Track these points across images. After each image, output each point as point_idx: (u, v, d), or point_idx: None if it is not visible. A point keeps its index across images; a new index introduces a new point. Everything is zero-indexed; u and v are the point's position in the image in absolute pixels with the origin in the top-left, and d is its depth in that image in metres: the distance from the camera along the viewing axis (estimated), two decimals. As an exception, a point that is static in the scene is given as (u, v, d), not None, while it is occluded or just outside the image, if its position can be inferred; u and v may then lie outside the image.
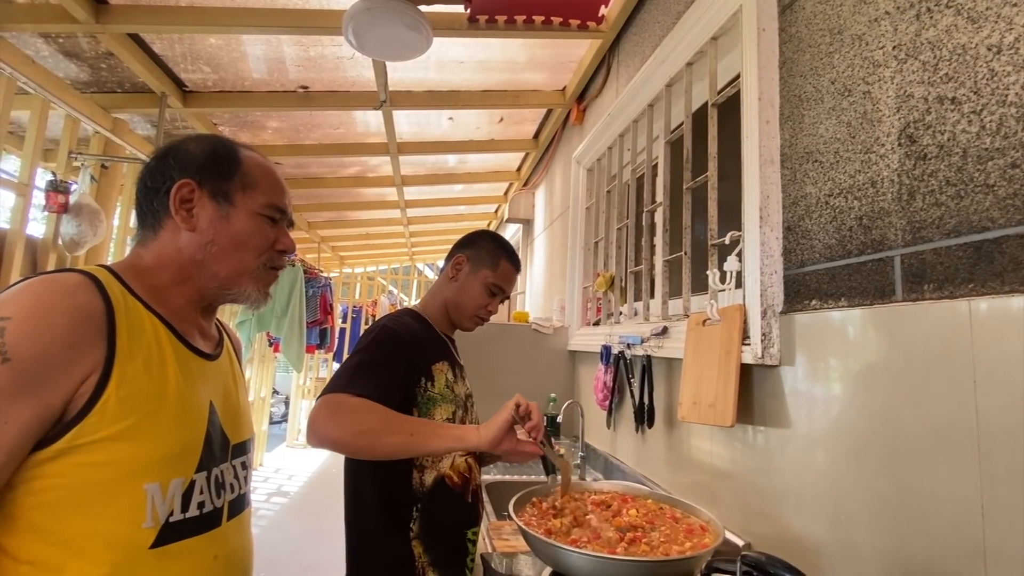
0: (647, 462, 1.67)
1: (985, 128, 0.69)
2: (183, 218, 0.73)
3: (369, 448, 0.92)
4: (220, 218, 0.75)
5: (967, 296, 0.69)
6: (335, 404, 0.93)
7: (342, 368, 1.01)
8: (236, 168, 0.77)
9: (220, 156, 0.77)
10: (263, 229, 0.78)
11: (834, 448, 0.90)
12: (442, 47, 2.26)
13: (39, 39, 2.13)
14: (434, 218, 5.25)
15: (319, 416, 0.91)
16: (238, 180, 0.76)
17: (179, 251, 0.74)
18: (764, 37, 1.15)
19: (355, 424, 0.91)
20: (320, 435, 0.91)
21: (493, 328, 2.59)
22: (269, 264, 0.79)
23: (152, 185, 0.75)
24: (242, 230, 0.76)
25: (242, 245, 0.76)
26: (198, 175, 0.74)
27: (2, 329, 0.56)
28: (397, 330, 1.09)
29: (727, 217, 1.37)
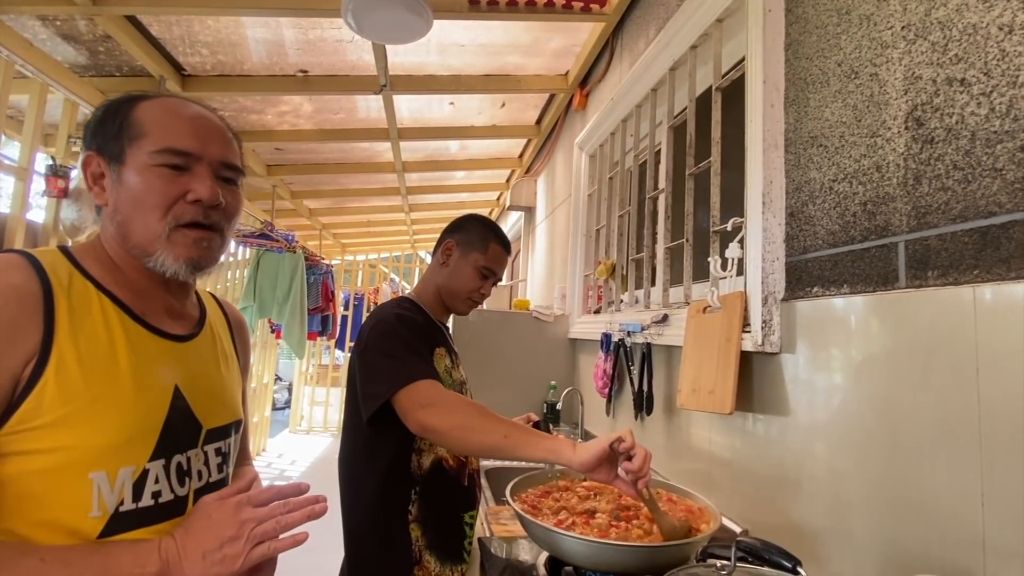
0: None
1: (994, 110, 0.68)
2: (96, 194, 0.68)
3: (462, 442, 0.94)
4: (115, 182, 0.67)
5: (972, 283, 0.68)
6: (430, 391, 0.95)
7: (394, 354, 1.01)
8: (121, 120, 0.67)
9: (107, 113, 0.68)
10: (160, 181, 0.66)
11: (834, 436, 0.90)
12: (443, 30, 2.22)
13: (37, 22, 2.11)
14: (436, 205, 5.23)
15: (417, 403, 0.94)
16: (124, 133, 0.67)
17: (107, 227, 0.69)
18: (770, 18, 1.13)
19: (454, 418, 0.93)
20: (423, 422, 0.93)
21: (494, 316, 2.58)
22: (178, 221, 0.67)
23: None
24: (134, 189, 0.65)
25: (138, 206, 0.66)
26: (95, 142, 0.68)
27: None
28: (409, 316, 1.11)
29: (730, 204, 1.35)
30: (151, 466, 0.63)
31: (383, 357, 1.01)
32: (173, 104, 0.70)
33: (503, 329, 2.56)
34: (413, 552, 1.06)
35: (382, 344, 1.03)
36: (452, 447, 0.99)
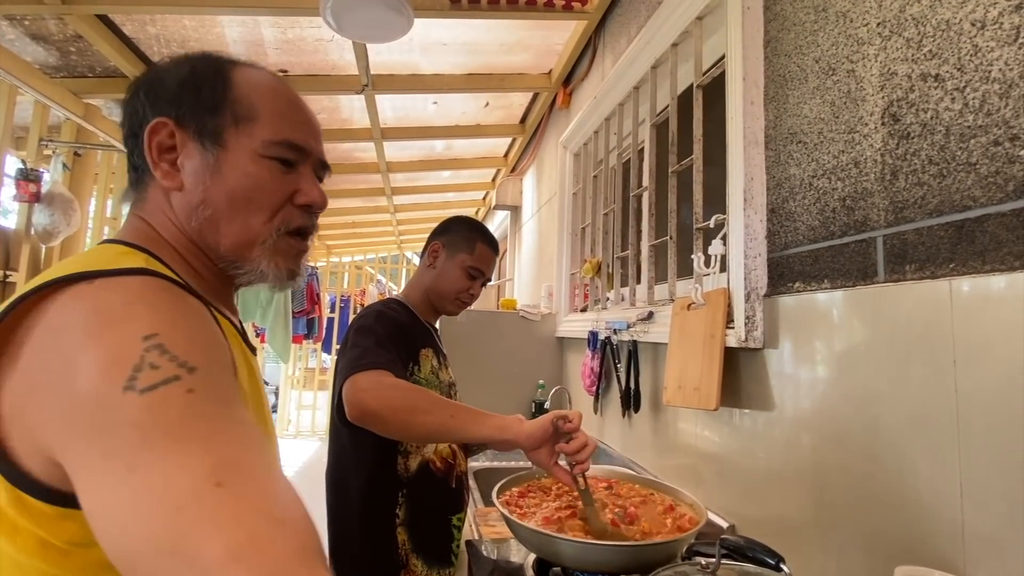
0: (634, 446, 1.68)
1: (968, 105, 0.68)
2: (164, 173, 0.54)
3: (406, 425, 0.91)
4: (208, 168, 0.54)
5: (948, 276, 0.69)
6: (375, 377, 0.93)
7: (359, 348, 1.00)
8: (223, 91, 0.55)
9: (201, 78, 0.55)
10: (271, 177, 0.56)
11: (817, 429, 0.91)
12: (424, 28, 2.20)
13: (3, 21, 2.05)
14: (422, 205, 5.19)
15: (358, 388, 0.91)
16: (228, 110, 0.55)
17: (172, 221, 0.55)
18: (749, 16, 1.13)
19: (397, 400, 0.91)
20: (361, 408, 0.90)
21: (481, 315, 2.57)
22: (287, 227, 0.57)
23: (130, 133, 0.56)
24: (240, 182, 0.54)
25: (242, 204, 0.55)
26: (175, 109, 0.54)
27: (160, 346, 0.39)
28: (392, 314, 1.10)
29: (712, 201, 1.36)
30: None
31: (351, 350, 1.01)
32: (280, 85, 0.59)
33: (490, 329, 2.55)
34: (399, 555, 1.05)
35: (356, 339, 1.03)
36: (396, 432, 0.95)
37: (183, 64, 0.57)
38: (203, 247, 0.56)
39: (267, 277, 0.57)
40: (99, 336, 0.39)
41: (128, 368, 0.37)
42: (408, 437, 1.04)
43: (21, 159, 2.39)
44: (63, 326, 0.40)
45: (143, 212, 0.56)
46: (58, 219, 2.32)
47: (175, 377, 0.38)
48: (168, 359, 0.39)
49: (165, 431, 0.36)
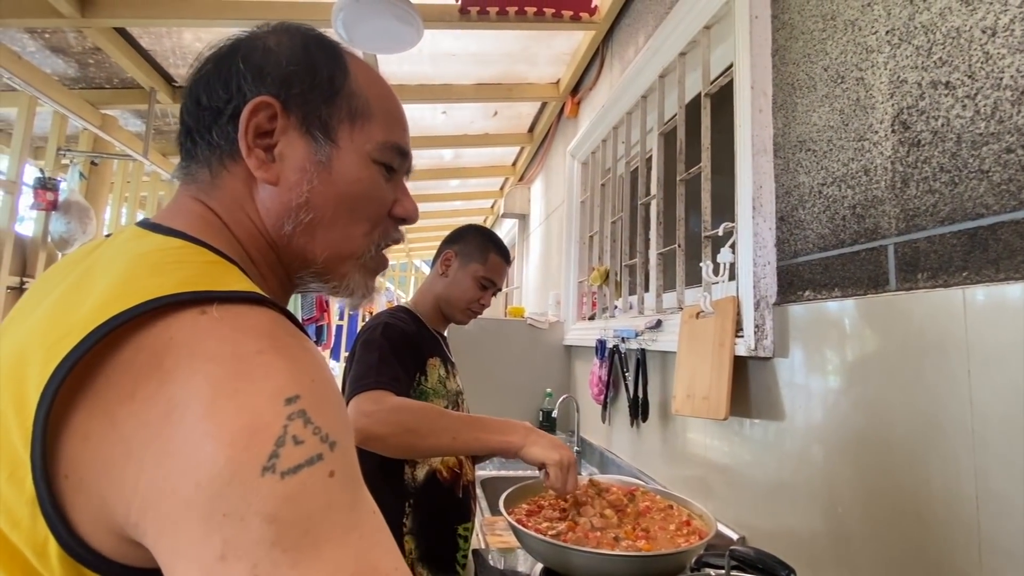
0: (642, 456, 1.66)
1: (979, 113, 0.68)
2: (259, 162, 0.45)
3: (411, 446, 0.93)
4: (317, 165, 0.46)
5: (961, 284, 0.68)
6: (376, 400, 0.93)
7: (364, 365, 1.01)
8: (342, 83, 0.48)
9: (318, 63, 0.47)
10: (378, 185, 0.50)
11: (828, 440, 0.89)
12: (434, 39, 2.23)
13: (25, 34, 2.10)
14: (430, 214, 5.23)
15: (360, 413, 0.92)
16: (344, 103, 0.48)
17: (251, 218, 0.46)
18: (757, 24, 1.13)
19: (400, 421, 0.91)
20: (364, 433, 0.91)
21: (488, 323, 2.57)
22: (385, 241, 0.52)
23: (210, 103, 0.46)
24: (351, 186, 0.47)
25: (350, 210, 0.48)
26: (283, 91, 0.45)
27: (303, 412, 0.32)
28: (399, 325, 1.10)
29: (721, 209, 1.35)
30: None
31: (356, 366, 1.02)
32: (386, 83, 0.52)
33: (498, 337, 2.55)
34: (406, 565, 1.04)
35: (361, 355, 1.04)
36: (399, 454, 0.96)
37: (295, 36, 0.48)
38: (285, 253, 0.48)
39: (353, 293, 0.51)
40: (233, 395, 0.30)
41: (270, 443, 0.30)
42: (412, 457, 1.05)
43: (39, 168, 2.44)
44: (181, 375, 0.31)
45: (211, 200, 0.46)
46: (74, 227, 2.37)
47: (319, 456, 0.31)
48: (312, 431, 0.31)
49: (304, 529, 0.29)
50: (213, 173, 0.46)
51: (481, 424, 0.94)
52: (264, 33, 0.49)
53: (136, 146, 2.80)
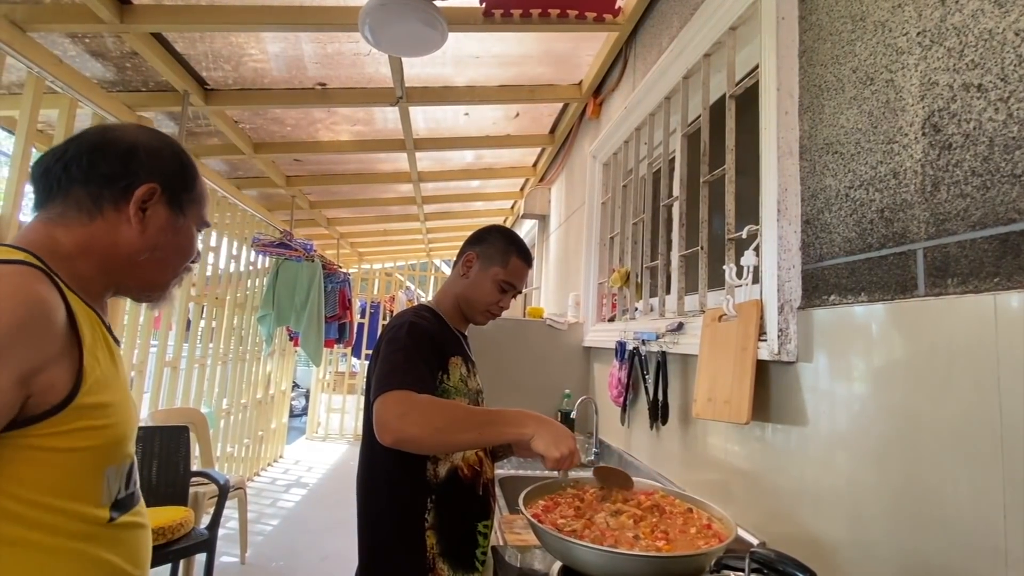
0: (662, 459, 1.66)
1: (1012, 116, 0.67)
2: (139, 219, 0.73)
3: (444, 444, 0.97)
4: (171, 227, 0.76)
5: (993, 290, 0.67)
6: (405, 401, 0.95)
7: (390, 364, 1.02)
8: (194, 181, 0.80)
9: (186, 167, 0.79)
10: (194, 240, 0.82)
11: (853, 447, 0.88)
12: (457, 42, 2.25)
13: (66, 39, 2.19)
14: (451, 214, 5.27)
15: (391, 414, 0.93)
16: (194, 193, 0.80)
17: (114, 245, 0.72)
18: (783, 26, 1.12)
19: (431, 421, 0.93)
20: (396, 433, 0.93)
21: (508, 323, 2.59)
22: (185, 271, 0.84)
23: (108, 172, 0.72)
24: (184, 241, 0.79)
25: (181, 254, 0.79)
26: (164, 181, 0.75)
27: None
28: (424, 324, 1.11)
29: (744, 211, 1.34)
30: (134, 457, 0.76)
31: (382, 364, 1.03)
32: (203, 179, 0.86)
33: (517, 337, 2.56)
34: (427, 559, 1.06)
35: (386, 353, 1.06)
36: (430, 450, 1.02)
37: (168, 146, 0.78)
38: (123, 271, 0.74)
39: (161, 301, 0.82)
40: None
41: None
42: (445, 452, 1.09)
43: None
44: None
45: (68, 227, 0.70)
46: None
47: None
48: None
49: None
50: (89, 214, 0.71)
51: (501, 418, 0.99)
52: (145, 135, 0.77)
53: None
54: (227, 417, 4.28)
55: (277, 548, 3.38)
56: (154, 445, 2.60)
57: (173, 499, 2.55)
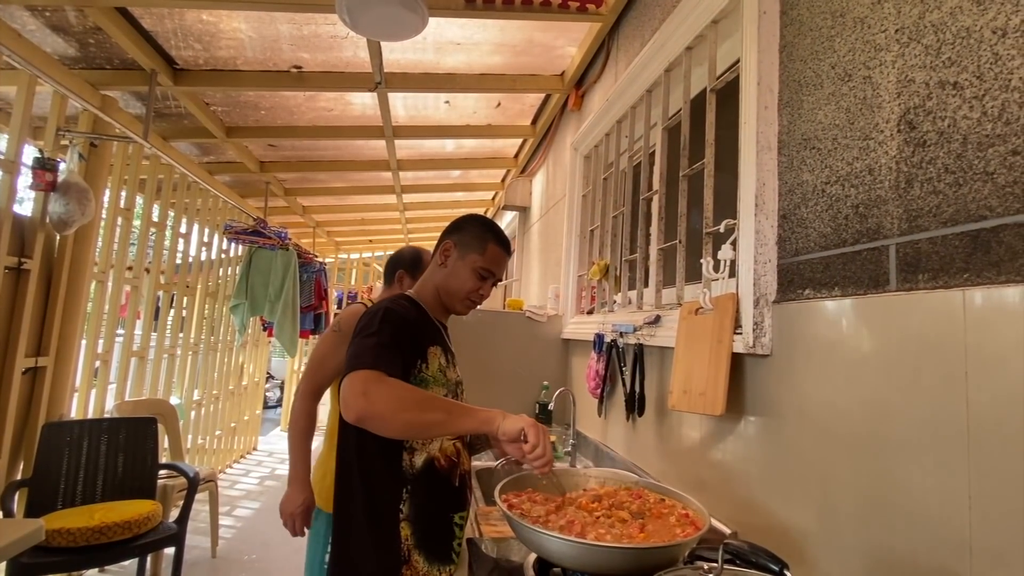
0: (638, 450, 1.67)
1: (987, 114, 0.68)
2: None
3: (407, 424, 0.96)
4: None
5: (962, 286, 0.68)
6: (373, 380, 0.95)
7: (360, 347, 1.01)
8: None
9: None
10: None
11: (824, 439, 0.90)
12: (439, 27, 2.21)
13: (25, 12, 2.08)
14: (431, 204, 5.21)
15: (357, 391, 0.93)
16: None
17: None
18: (765, 20, 1.13)
19: (396, 400, 0.94)
20: (359, 410, 0.93)
21: (487, 315, 2.57)
22: None
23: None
24: None
25: None
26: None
27: None
28: (400, 311, 1.10)
29: (723, 205, 1.35)
30: None
31: (351, 350, 1.02)
32: None
33: (496, 329, 2.55)
34: (402, 551, 1.05)
35: (357, 336, 1.05)
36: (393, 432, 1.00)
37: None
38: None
39: None
40: None
41: None
42: (408, 435, 1.07)
43: (39, 148, 2.42)
44: None
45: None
46: (73, 208, 2.35)
47: None
48: None
49: None
50: None
51: (467, 409, 1.02)
52: None
53: (136, 128, 2.78)
54: (198, 408, 4.18)
55: (250, 541, 3.33)
56: (120, 437, 2.53)
57: (140, 492, 2.48)
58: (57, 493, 2.31)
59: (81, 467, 2.40)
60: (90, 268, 2.68)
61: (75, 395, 2.72)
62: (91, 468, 2.42)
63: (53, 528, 1.98)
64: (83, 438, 2.44)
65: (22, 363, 2.32)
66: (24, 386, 2.36)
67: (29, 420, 2.42)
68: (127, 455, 2.53)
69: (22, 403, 2.37)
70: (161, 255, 3.49)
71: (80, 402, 2.78)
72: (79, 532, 2.02)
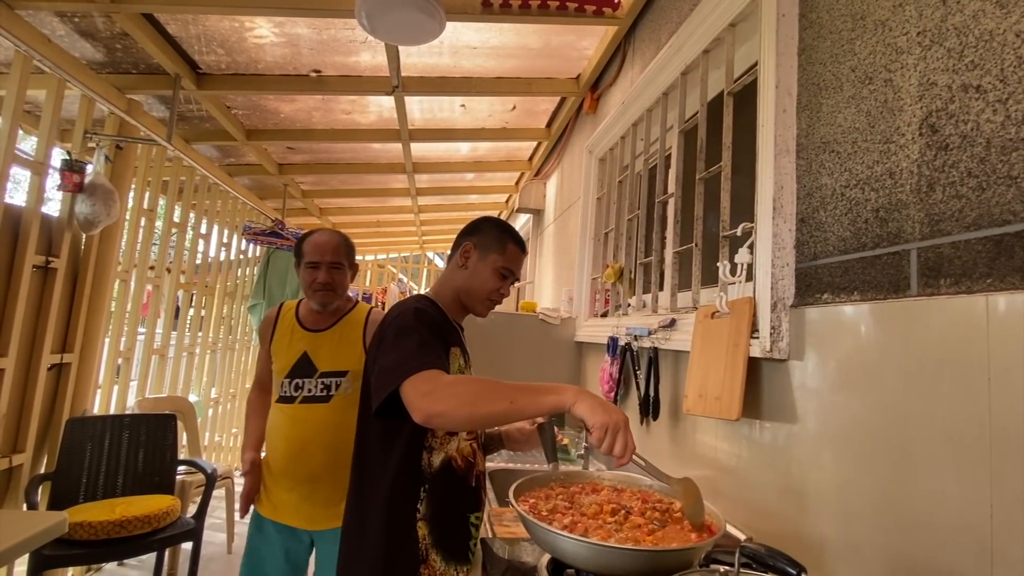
0: (652, 454, 1.66)
1: (1010, 117, 0.67)
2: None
3: (472, 417, 0.93)
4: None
5: (985, 291, 0.67)
6: (430, 379, 0.95)
7: (407, 349, 1.01)
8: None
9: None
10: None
11: (842, 445, 0.89)
12: (455, 32, 2.23)
13: (55, 18, 2.14)
14: (445, 206, 5.24)
15: (418, 393, 0.93)
16: None
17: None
18: (783, 23, 1.12)
19: (459, 395, 0.93)
20: (425, 412, 0.92)
21: (500, 317, 2.58)
22: None
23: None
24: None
25: None
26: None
27: None
28: (429, 311, 1.12)
29: (740, 209, 1.34)
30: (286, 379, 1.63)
31: (394, 351, 1.02)
32: None
33: (510, 331, 2.55)
34: (420, 550, 1.06)
35: (397, 337, 1.04)
36: (464, 426, 1.02)
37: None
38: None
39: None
40: None
41: None
42: (477, 426, 1.10)
43: (67, 150, 2.48)
44: None
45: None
46: (99, 209, 2.41)
47: None
48: None
49: None
50: None
51: (534, 388, 0.95)
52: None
53: (160, 131, 2.84)
54: (215, 406, 4.25)
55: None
56: (140, 433, 2.58)
57: (159, 488, 2.53)
58: (79, 487, 2.36)
59: (103, 462, 2.45)
60: (114, 267, 2.75)
61: (98, 391, 2.79)
62: (112, 463, 2.48)
63: (75, 521, 2.03)
64: (105, 433, 2.49)
65: (48, 359, 2.38)
66: (49, 382, 2.43)
67: (53, 415, 2.48)
68: (147, 451, 2.57)
69: (47, 399, 2.43)
70: (182, 255, 3.56)
71: (103, 398, 2.85)
72: (100, 525, 2.06)
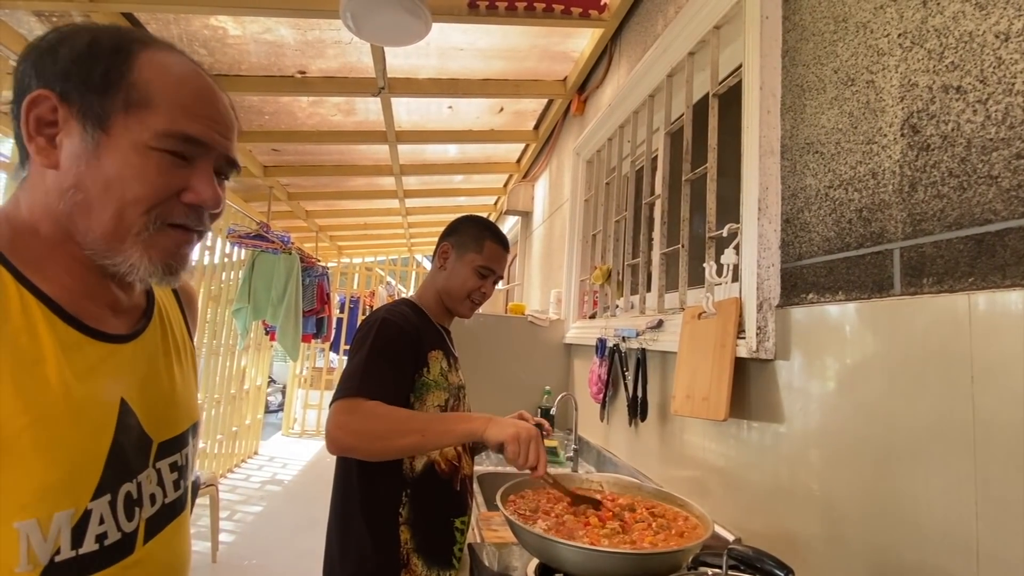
0: (640, 455, 1.66)
1: (990, 118, 0.67)
2: (38, 148, 0.51)
3: (384, 451, 0.96)
4: (86, 152, 0.51)
5: (967, 290, 0.68)
6: (347, 410, 0.96)
7: (350, 368, 1.03)
8: (121, 73, 0.52)
9: (98, 53, 0.52)
10: (157, 171, 0.53)
11: (828, 444, 0.89)
12: (442, 33, 2.22)
13: (32, 18, 2.10)
14: (433, 209, 5.22)
15: (333, 425, 0.95)
16: (120, 93, 0.51)
17: (46, 196, 0.52)
18: (767, 25, 1.13)
19: (368, 430, 0.95)
20: (337, 444, 0.95)
21: (489, 320, 2.57)
22: (164, 220, 0.54)
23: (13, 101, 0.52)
24: (118, 171, 0.51)
25: (116, 193, 0.51)
26: (62, 84, 0.51)
27: None
28: (396, 321, 1.10)
29: (725, 210, 1.35)
30: (94, 505, 0.50)
31: (346, 367, 1.05)
32: (190, 73, 0.56)
33: (498, 333, 2.54)
34: (401, 554, 1.05)
35: (351, 352, 1.08)
36: (379, 457, 1.01)
37: (83, 34, 0.52)
38: (73, 231, 0.52)
39: (138, 271, 0.54)
40: None
41: None
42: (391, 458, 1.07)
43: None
44: None
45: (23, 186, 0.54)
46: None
47: None
48: None
49: None
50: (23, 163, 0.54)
51: (446, 418, 1.00)
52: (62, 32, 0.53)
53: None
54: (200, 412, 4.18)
55: (250, 546, 3.32)
56: (121, 440, 2.52)
57: (141, 496, 2.47)
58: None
59: (82, 471, 2.38)
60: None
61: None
62: (92, 472, 2.40)
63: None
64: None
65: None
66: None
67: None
68: (128, 459, 2.51)
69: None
70: (164, 259, 3.50)
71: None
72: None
